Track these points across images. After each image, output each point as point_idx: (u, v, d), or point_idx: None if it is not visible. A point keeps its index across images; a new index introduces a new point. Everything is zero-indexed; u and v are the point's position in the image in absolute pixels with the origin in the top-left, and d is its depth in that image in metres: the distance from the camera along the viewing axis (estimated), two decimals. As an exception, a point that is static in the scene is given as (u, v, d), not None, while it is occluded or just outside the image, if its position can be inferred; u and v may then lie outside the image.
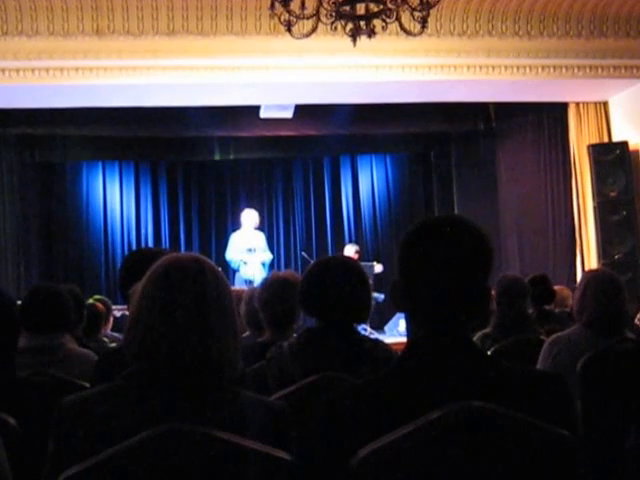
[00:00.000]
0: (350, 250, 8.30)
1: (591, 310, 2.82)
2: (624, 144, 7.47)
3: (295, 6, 4.07)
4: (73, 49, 6.15)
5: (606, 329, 2.77)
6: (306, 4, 4.09)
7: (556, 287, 4.55)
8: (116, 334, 4.63)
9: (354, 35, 4.11)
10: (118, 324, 5.37)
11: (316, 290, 2.25)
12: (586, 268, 7.38)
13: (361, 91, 7.01)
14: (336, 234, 10.00)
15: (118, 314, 5.69)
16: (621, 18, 6.75)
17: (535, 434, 1.25)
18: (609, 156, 7.43)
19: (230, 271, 8.02)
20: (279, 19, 4.18)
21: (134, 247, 9.29)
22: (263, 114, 7.83)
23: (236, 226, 8.59)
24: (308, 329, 2.28)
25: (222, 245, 8.76)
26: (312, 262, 2.47)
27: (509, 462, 1.24)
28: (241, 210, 8.60)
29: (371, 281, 2.43)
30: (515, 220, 8.51)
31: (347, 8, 4.05)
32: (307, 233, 10.08)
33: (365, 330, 7.13)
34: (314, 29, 4.19)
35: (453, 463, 1.23)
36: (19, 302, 2.58)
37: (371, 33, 4.09)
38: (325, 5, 4.02)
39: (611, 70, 6.91)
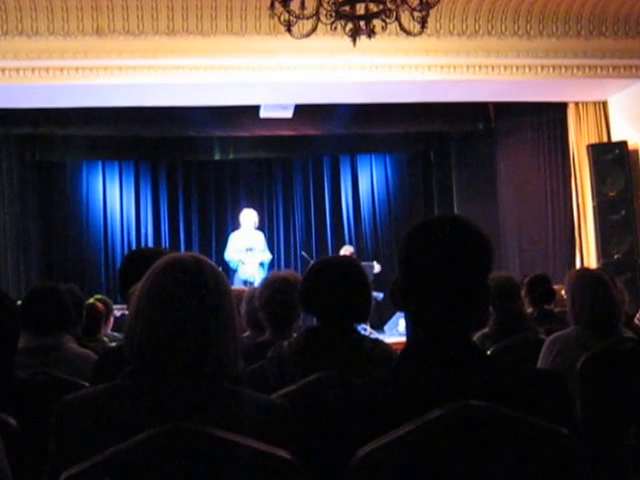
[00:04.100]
0: (346, 252, 8.30)
1: (581, 310, 2.83)
2: (623, 144, 7.48)
3: (295, 6, 4.07)
4: (73, 49, 6.15)
5: (600, 328, 2.77)
6: (306, 4, 4.09)
7: (556, 287, 4.54)
8: (116, 334, 4.63)
9: (354, 35, 4.11)
10: (118, 324, 5.37)
11: (316, 290, 2.25)
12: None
13: (361, 91, 7.01)
14: (336, 234, 10.01)
15: (118, 314, 5.69)
16: (620, 18, 6.75)
17: (535, 433, 1.25)
18: (608, 156, 7.43)
19: (230, 271, 8.02)
20: (279, 19, 4.18)
21: (134, 247, 9.29)
22: (263, 114, 7.83)
23: (236, 226, 8.59)
24: (308, 328, 2.28)
25: (222, 245, 8.76)
26: (312, 262, 2.47)
27: (509, 461, 1.24)
28: (241, 210, 8.60)
29: (371, 280, 2.43)
30: (515, 220, 8.51)
31: (347, 8, 4.05)
32: (307, 233, 10.08)
33: (365, 330, 7.13)
34: (314, 29, 4.19)
35: (453, 462, 1.23)
36: (19, 302, 2.58)
37: (371, 33, 4.09)
38: (325, 5, 4.02)
39: (610, 70, 6.91)
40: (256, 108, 7.72)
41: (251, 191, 9.90)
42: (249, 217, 8.26)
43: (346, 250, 8.46)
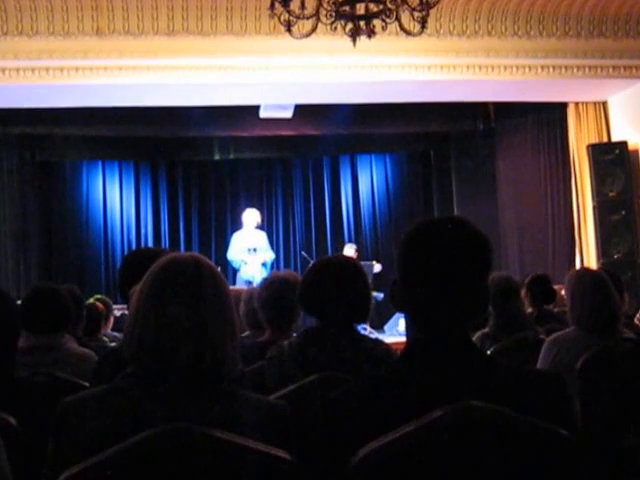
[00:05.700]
0: (349, 250, 8.31)
1: (581, 311, 2.82)
2: (623, 144, 7.48)
3: (295, 6, 4.07)
4: (73, 49, 6.15)
5: (600, 328, 2.77)
6: (306, 4, 4.09)
7: (556, 287, 4.54)
8: (116, 334, 4.63)
9: (354, 35, 4.11)
10: (118, 324, 5.37)
11: (316, 290, 2.25)
12: (586, 268, 7.39)
13: (361, 91, 7.02)
14: (336, 234, 10.00)
15: (118, 314, 5.69)
16: (620, 18, 6.75)
17: (534, 433, 1.25)
18: (608, 156, 7.44)
19: (230, 271, 8.01)
20: (279, 19, 4.18)
21: (134, 247, 9.29)
22: (263, 114, 7.83)
23: (236, 226, 8.58)
24: (308, 329, 2.28)
25: (222, 245, 8.75)
26: (312, 262, 2.47)
27: (509, 461, 1.24)
28: (241, 210, 8.59)
29: (370, 280, 2.43)
30: (515, 220, 8.52)
31: (347, 8, 4.05)
32: (307, 233, 10.08)
33: (365, 330, 7.13)
34: (314, 29, 4.19)
35: (453, 463, 1.23)
36: (19, 302, 2.58)
37: (371, 33, 4.09)
38: (325, 5, 4.02)
39: (610, 70, 6.92)
40: (256, 108, 7.72)
41: (251, 191, 9.89)
42: (251, 217, 8.25)
43: (350, 248, 8.47)
